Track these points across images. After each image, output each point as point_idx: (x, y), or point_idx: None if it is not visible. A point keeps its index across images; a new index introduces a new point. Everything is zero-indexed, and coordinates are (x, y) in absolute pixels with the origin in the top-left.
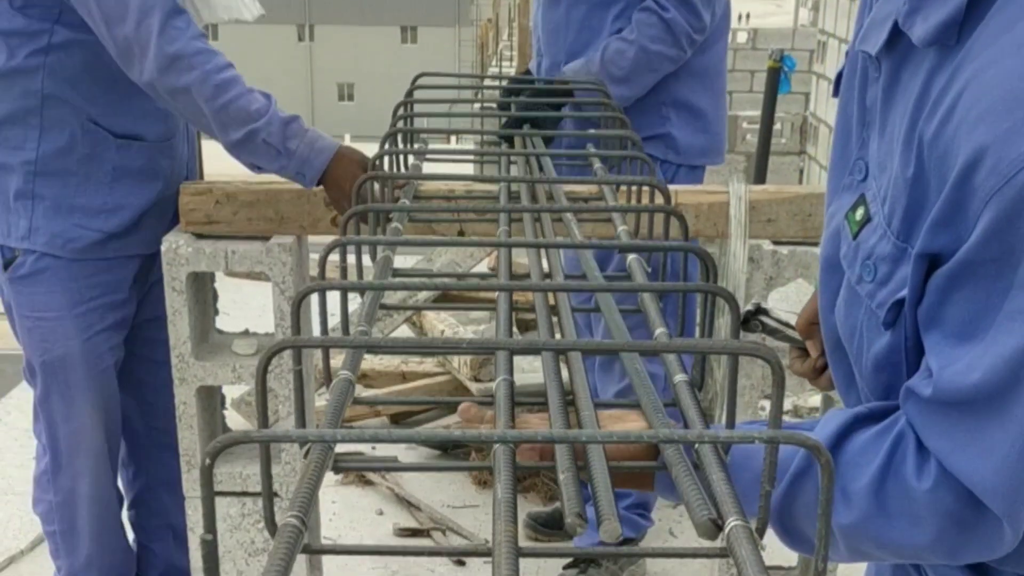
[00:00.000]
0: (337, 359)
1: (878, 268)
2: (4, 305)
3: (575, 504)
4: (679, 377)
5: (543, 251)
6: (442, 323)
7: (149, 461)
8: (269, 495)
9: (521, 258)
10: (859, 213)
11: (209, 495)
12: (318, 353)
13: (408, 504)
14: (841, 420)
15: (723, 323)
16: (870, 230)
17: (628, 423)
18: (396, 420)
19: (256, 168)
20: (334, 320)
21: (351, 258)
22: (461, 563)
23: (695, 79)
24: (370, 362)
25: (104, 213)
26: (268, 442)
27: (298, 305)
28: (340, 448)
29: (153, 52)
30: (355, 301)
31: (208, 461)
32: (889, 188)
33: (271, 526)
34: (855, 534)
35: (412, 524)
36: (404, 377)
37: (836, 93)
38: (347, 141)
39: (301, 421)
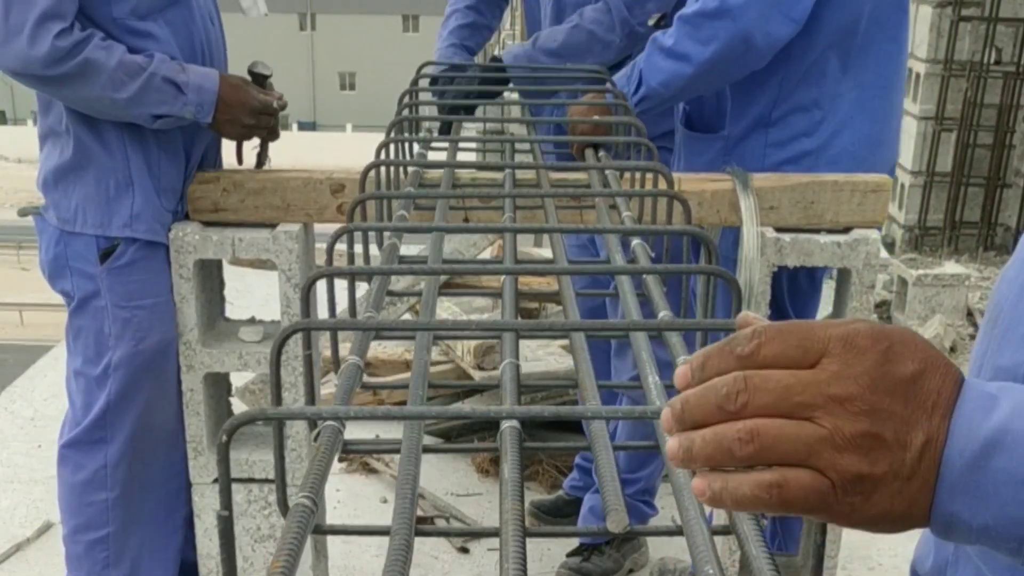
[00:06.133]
0: (343, 347)
1: None
2: (81, 299)
3: None
4: (682, 358)
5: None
6: (445, 312)
7: None
8: (282, 476)
9: (525, 247)
10: None
11: (226, 471)
12: (322, 342)
13: None
14: None
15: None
16: None
17: None
18: None
19: (155, 118)
20: (337, 309)
21: (358, 246)
22: (465, 550)
23: None
24: (373, 350)
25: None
26: (283, 419)
27: (308, 290)
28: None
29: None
30: (361, 288)
31: (225, 438)
32: None
33: (284, 507)
34: None
35: (416, 512)
36: (408, 366)
37: None
38: (349, 131)
39: (311, 403)
